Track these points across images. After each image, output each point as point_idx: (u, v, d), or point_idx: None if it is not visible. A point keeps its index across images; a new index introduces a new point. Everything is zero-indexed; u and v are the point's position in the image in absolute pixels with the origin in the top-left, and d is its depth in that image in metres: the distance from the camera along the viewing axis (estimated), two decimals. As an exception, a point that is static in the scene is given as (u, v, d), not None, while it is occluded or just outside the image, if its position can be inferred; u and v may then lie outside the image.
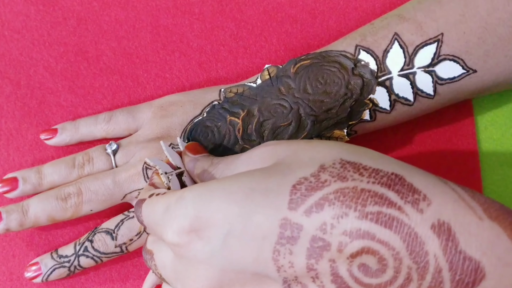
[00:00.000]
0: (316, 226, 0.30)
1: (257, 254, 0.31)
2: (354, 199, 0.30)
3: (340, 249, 0.30)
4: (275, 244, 0.30)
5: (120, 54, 0.51)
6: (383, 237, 0.29)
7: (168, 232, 0.33)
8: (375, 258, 0.30)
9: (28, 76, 0.51)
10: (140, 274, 0.48)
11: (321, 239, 0.30)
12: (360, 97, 0.44)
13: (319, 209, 0.30)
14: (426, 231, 0.29)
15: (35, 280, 0.45)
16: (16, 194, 0.47)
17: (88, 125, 0.48)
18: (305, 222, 0.30)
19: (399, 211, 0.30)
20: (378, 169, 0.31)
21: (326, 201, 0.30)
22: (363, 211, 0.30)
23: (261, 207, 0.31)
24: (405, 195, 0.30)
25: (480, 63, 0.43)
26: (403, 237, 0.29)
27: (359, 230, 0.30)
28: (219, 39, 0.51)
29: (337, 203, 0.30)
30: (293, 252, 0.30)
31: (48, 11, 0.52)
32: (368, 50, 0.44)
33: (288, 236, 0.30)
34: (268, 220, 0.31)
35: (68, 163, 0.47)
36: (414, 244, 0.29)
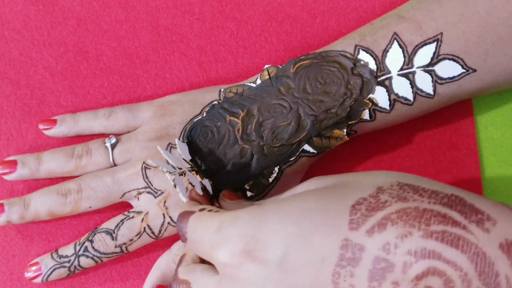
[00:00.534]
0: (379, 246, 0.29)
1: (315, 277, 0.29)
2: (417, 218, 0.29)
3: (405, 269, 0.28)
4: (335, 266, 0.29)
5: (120, 54, 0.51)
6: (449, 256, 0.28)
7: (220, 252, 0.32)
8: (441, 280, 0.28)
9: (28, 76, 0.51)
10: (140, 274, 0.48)
11: (384, 259, 0.29)
12: (360, 97, 0.44)
13: (381, 229, 0.29)
14: (495, 251, 0.28)
15: (35, 280, 0.45)
16: (14, 177, 0.47)
17: (87, 119, 0.48)
18: (367, 243, 0.29)
19: (464, 230, 0.28)
20: (437, 190, 0.30)
21: (388, 221, 0.29)
22: (428, 230, 0.28)
23: (320, 227, 0.30)
24: (468, 215, 0.29)
25: (479, 63, 0.43)
26: (470, 256, 0.28)
27: (424, 250, 0.28)
28: (219, 39, 0.51)
29: (400, 223, 0.29)
30: (354, 274, 0.29)
31: (48, 11, 0.52)
32: (368, 50, 0.44)
33: (349, 258, 0.29)
34: (328, 241, 0.29)
35: (67, 152, 0.47)
36: (483, 264, 0.28)
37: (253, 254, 0.30)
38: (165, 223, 0.45)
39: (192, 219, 0.35)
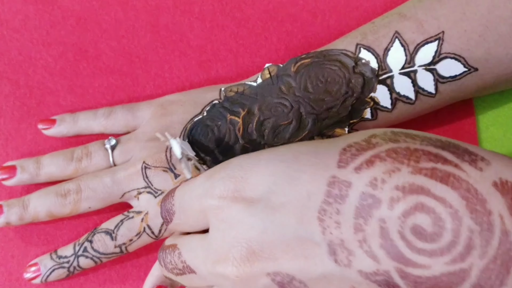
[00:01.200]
0: (366, 182, 0.28)
1: (301, 214, 0.29)
2: (407, 156, 0.28)
3: (392, 205, 0.27)
4: (322, 203, 0.29)
5: (120, 53, 0.51)
6: (438, 192, 0.27)
7: (210, 197, 0.32)
8: (430, 218, 0.27)
9: (27, 75, 0.51)
10: (140, 275, 0.47)
11: (371, 195, 0.28)
12: (361, 96, 0.44)
13: (369, 165, 0.28)
14: (488, 188, 0.26)
15: (34, 281, 0.45)
16: (14, 182, 0.47)
17: (87, 119, 0.48)
18: (355, 179, 0.28)
19: (456, 168, 0.27)
20: (430, 137, 0.29)
21: (377, 158, 0.28)
22: (417, 167, 0.27)
23: (309, 166, 0.29)
24: (461, 155, 0.28)
25: (481, 61, 0.43)
26: (461, 193, 0.26)
27: (413, 185, 0.27)
28: (219, 38, 0.51)
29: (389, 159, 0.28)
30: (341, 211, 0.28)
31: (47, 11, 0.52)
32: (369, 48, 0.44)
33: (336, 194, 0.28)
34: (315, 178, 0.29)
35: (66, 155, 0.47)
36: (475, 201, 0.26)
37: (242, 194, 0.31)
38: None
39: (179, 188, 0.35)
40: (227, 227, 0.31)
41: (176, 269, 0.35)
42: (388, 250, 0.27)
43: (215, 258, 0.32)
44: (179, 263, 0.35)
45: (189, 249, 0.34)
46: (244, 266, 0.30)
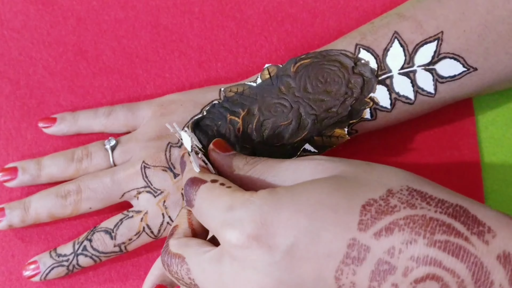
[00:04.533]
0: (384, 249, 0.30)
1: (319, 271, 0.31)
2: (423, 226, 0.30)
3: (406, 273, 0.30)
4: (340, 263, 0.30)
5: (120, 53, 0.51)
6: (449, 264, 0.30)
7: (228, 232, 0.32)
8: (439, 285, 0.30)
9: (27, 75, 0.51)
10: (140, 274, 0.47)
11: (388, 262, 0.30)
12: (361, 96, 0.44)
13: (388, 233, 0.30)
14: (492, 262, 0.29)
15: (33, 278, 0.45)
16: (15, 184, 0.47)
17: (87, 118, 0.48)
18: (374, 245, 0.30)
19: (466, 241, 0.30)
20: (443, 199, 0.32)
21: (396, 226, 0.30)
22: (432, 239, 0.30)
23: (330, 224, 0.31)
24: (471, 227, 0.30)
25: (480, 61, 0.43)
26: (469, 266, 0.29)
27: (427, 257, 0.30)
28: (219, 38, 0.51)
29: (407, 229, 0.30)
30: (357, 273, 0.30)
31: (48, 11, 0.52)
32: (368, 48, 0.44)
33: (355, 257, 0.30)
34: (337, 238, 0.31)
35: (67, 156, 0.47)
36: (480, 273, 0.29)
37: (262, 240, 0.31)
38: (164, 222, 0.45)
39: (203, 189, 0.36)
40: (241, 268, 0.32)
41: (182, 281, 0.36)
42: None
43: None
44: (186, 279, 0.35)
45: (200, 270, 0.34)
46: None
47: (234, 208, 0.33)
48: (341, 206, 0.31)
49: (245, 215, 0.32)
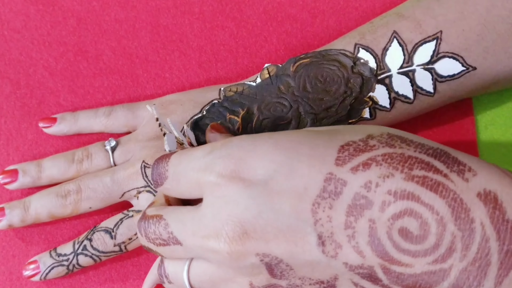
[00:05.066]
0: (361, 183, 0.30)
1: (296, 204, 0.30)
2: (401, 162, 0.30)
3: (383, 208, 0.29)
4: (317, 196, 0.30)
5: (120, 54, 0.51)
6: (427, 199, 0.29)
7: (209, 172, 0.32)
8: (417, 222, 0.29)
9: (27, 75, 0.51)
10: (140, 274, 0.47)
11: (364, 196, 0.30)
12: (360, 95, 0.44)
13: (366, 168, 0.30)
14: (472, 198, 0.29)
15: (33, 278, 0.45)
16: (16, 186, 0.47)
17: (87, 117, 0.48)
18: (350, 179, 0.30)
19: (445, 177, 0.29)
20: (424, 143, 0.31)
21: (373, 162, 0.30)
22: (410, 174, 0.29)
23: (307, 158, 0.31)
24: (450, 165, 0.30)
25: (479, 60, 0.43)
26: (448, 202, 0.29)
27: (404, 191, 0.29)
28: (219, 38, 0.51)
29: (384, 164, 0.30)
30: (334, 206, 0.30)
31: (48, 11, 0.52)
32: (367, 48, 0.44)
33: (331, 191, 0.30)
34: (313, 172, 0.30)
35: (67, 158, 0.47)
36: (460, 210, 0.28)
37: (241, 175, 0.31)
38: (165, 222, 0.45)
39: (175, 156, 0.36)
40: (222, 204, 0.32)
41: (160, 239, 0.35)
42: (375, 248, 0.29)
43: (206, 233, 0.32)
44: (164, 234, 0.35)
45: (178, 221, 0.34)
46: (236, 244, 0.31)
47: (214, 150, 0.33)
48: (319, 144, 0.31)
49: (224, 153, 0.32)
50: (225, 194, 0.32)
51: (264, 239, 0.31)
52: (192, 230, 0.33)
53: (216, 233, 0.32)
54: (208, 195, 0.33)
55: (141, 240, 0.37)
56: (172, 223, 0.35)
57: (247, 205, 0.31)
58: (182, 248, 0.35)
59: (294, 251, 0.30)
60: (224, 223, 0.32)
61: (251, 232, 0.31)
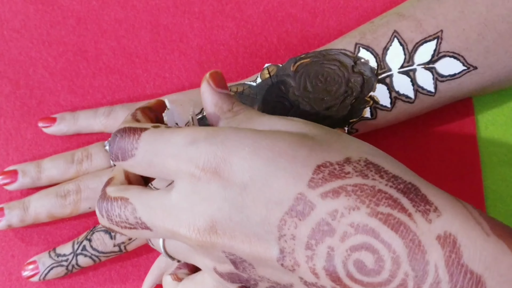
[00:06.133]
0: (328, 210, 0.30)
1: (265, 216, 0.31)
2: (369, 196, 0.30)
3: (343, 238, 0.30)
4: (285, 213, 0.31)
5: (120, 53, 0.51)
6: (387, 238, 0.30)
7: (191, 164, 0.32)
8: (373, 257, 0.30)
9: (27, 75, 0.51)
10: (140, 274, 0.47)
11: (328, 224, 0.30)
12: (361, 95, 0.44)
13: (335, 196, 0.30)
14: (430, 241, 0.29)
15: (32, 279, 0.45)
16: (15, 187, 0.47)
17: (87, 117, 0.48)
18: (319, 204, 0.30)
19: (409, 217, 0.30)
20: (397, 176, 0.32)
21: (343, 191, 0.31)
22: (375, 210, 0.30)
23: (284, 173, 0.31)
24: (417, 204, 0.30)
25: (480, 60, 0.43)
26: (406, 242, 0.29)
27: (366, 226, 0.30)
28: (219, 38, 0.51)
29: (353, 196, 0.30)
30: (298, 227, 0.31)
31: (48, 11, 0.52)
32: (368, 48, 0.44)
33: (299, 211, 0.31)
34: (287, 189, 0.31)
35: (67, 158, 0.47)
36: (416, 251, 0.29)
37: (221, 174, 0.32)
38: (165, 222, 0.45)
39: (149, 134, 0.34)
40: (197, 199, 0.32)
41: (126, 223, 0.35)
42: (329, 272, 0.30)
43: (177, 223, 0.33)
44: (131, 219, 0.34)
45: (146, 206, 0.34)
46: (205, 237, 0.32)
47: (197, 142, 0.33)
48: (299, 159, 0.31)
49: (209, 149, 0.32)
50: (201, 190, 0.32)
51: (231, 241, 0.32)
52: (162, 217, 0.33)
53: (187, 224, 0.32)
54: (183, 185, 0.33)
55: (101, 220, 0.36)
56: (140, 209, 0.34)
57: (221, 207, 0.32)
58: (152, 232, 0.34)
59: (257, 257, 0.32)
60: (196, 218, 0.32)
61: (221, 232, 0.32)
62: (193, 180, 0.32)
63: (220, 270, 0.34)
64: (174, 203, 0.33)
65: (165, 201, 0.33)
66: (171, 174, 0.33)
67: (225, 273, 0.34)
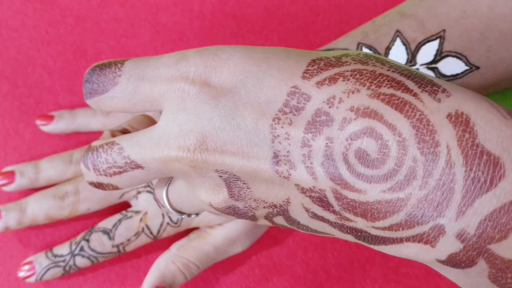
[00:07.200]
0: (324, 98, 0.28)
1: (257, 117, 0.29)
2: (370, 79, 0.28)
3: (342, 126, 0.27)
4: (278, 111, 0.28)
5: (119, 52, 0.51)
6: (391, 119, 0.27)
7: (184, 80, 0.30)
8: (377, 144, 0.27)
9: (25, 75, 0.51)
10: (139, 275, 0.47)
11: (326, 113, 0.28)
12: (362, 95, 0.43)
13: (332, 82, 0.28)
14: (440, 119, 0.26)
15: (29, 279, 0.45)
16: (13, 188, 0.47)
17: (85, 116, 0.48)
18: (314, 93, 0.28)
19: (414, 97, 0.27)
20: (400, 65, 0.29)
21: (341, 76, 0.28)
22: (376, 91, 0.27)
23: (276, 70, 0.29)
24: (423, 85, 0.27)
25: (482, 60, 0.42)
26: (413, 122, 0.26)
27: (367, 108, 0.27)
28: (219, 38, 0.51)
29: (352, 79, 0.28)
30: (293, 122, 0.28)
31: (46, 10, 0.52)
32: (371, 47, 0.44)
33: (293, 105, 0.28)
34: (279, 85, 0.29)
35: (65, 159, 0.47)
36: (424, 131, 0.26)
37: (212, 83, 0.30)
38: (164, 223, 0.44)
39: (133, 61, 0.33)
40: (186, 117, 0.30)
41: (114, 167, 0.32)
42: (328, 170, 0.27)
43: (167, 148, 0.31)
44: (119, 160, 0.32)
45: (133, 143, 0.32)
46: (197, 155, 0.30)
47: (187, 57, 0.31)
48: (291, 57, 0.30)
49: (199, 60, 0.30)
50: (190, 105, 0.30)
51: (223, 155, 0.29)
52: (151, 149, 0.31)
53: (177, 146, 0.30)
54: (171, 107, 0.31)
55: (89, 176, 0.33)
56: (127, 146, 0.32)
57: (211, 117, 0.29)
58: (144, 171, 0.32)
59: (250, 169, 0.29)
60: (186, 136, 0.30)
61: (211, 147, 0.30)
62: (182, 97, 0.30)
63: (216, 204, 0.31)
64: (162, 131, 0.31)
65: (151, 133, 0.31)
66: (157, 100, 0.31)
67: (221, 207, 0.31)
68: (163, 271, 0.45)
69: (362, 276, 0.47)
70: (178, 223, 0.45)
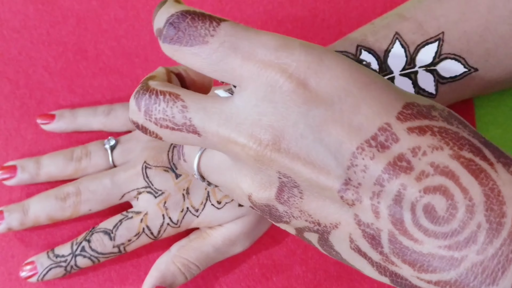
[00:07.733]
0: (411, 146, 0.28)
1: (342, 140, 0.28)
2: (453, 140, 0.28)
3: (420, 177, 0.28)
4: (365, 141, 0.28)
5: (120, 53, 0.51)
6: (465, 183, 0.27)
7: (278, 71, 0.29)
8: (447, 203, 0.27)
9: (27, 75, 0.51)
10: (140, 275, 0.47)
11: (408, 160, 0.28)
12: (362, 97, 0.43)
13: (421, 133, 0.28)
14: (510, 192, 0.27)
15: (30, 279, 0.45)
16: (14, 182, 0.47)
17: (86, 115, 0.48)
18: (403, 137, 0.28)
19: (490, 166, 0.28)
20: (477, 132, 0.30)
21: (430, 130, 0.29)
22: (458, 153, 0.28)
23: (376, 101, 0.29)
24: (498, 156, 0.28)
25: (481, 62, 0.43)
26: (485, 191, 0.27)
27: (446, 167, 0.28)
28: (219, 38, 0.51)
29: (438, 136, 0.28)
30: (375, 158, 0.28)
31: (47, 10, 0.52)
32: (370, 50, 0.44)
33: (380, 141, 0.28)
34: (373, 116, 0.29)
35: (66, 155, 0.47)
36: (494, 201, 0.27)
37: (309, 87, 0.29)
38: (165, 223, 0.44)
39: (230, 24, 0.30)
40: (270, 110, 0.29)
41: (170, 122, 0.30)
42: (393, 213, 0.28)
43: (237, 130, 0.29)
44: (178, 117, 0.30)
45: (200, 108, 0.30)
46: (266, 150, 0.29)
47: (291, 47, 0.29)
48: (391, 92, 0.30)
49: (303, 58, 0.29)
50: (278, 99, 0.29)
51: (293, 161, 0.28)
52: (219, 123, 0.29)
53: (249, 134, 0.29)
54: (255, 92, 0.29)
55: (135, 115, 0.31)
56: (193, 108, 0.30)
57: (297, 122, 0.29)
58: (199, 139, 0.30)
59: (315, 184, 0.29)
60: (262, 129, 0.29)
61: (284, 149, 0.29)
62: (272, 87, 0.29)
63: (256, 198, 0.31)
64: (237, 111, 0.29)
65: (224, 106, 0.30)
66: (243, 77, 0.30)
67: (260, 203, 0.31)
68: (163, 272, 0.45)
69: (361, 275, 0.47)
70: (178, 224, 0.45)
